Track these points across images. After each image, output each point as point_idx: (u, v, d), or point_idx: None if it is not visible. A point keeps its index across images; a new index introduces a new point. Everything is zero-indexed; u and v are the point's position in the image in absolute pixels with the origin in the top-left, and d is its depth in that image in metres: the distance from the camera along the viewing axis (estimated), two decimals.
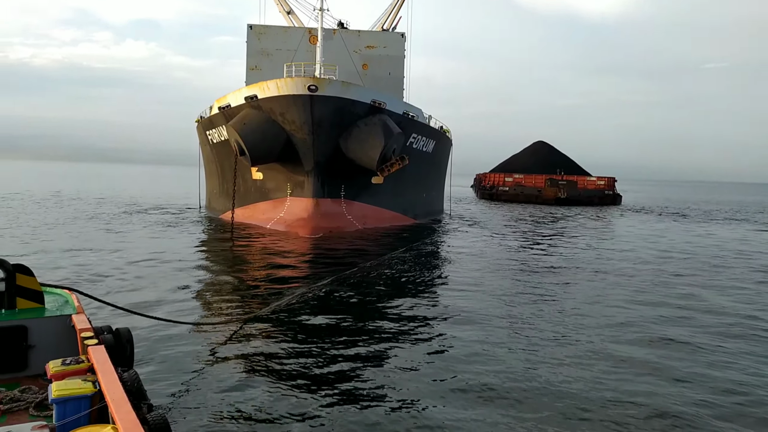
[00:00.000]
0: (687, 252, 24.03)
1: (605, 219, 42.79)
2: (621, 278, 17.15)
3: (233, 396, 7.31)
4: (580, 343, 10.14)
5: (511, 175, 70.00)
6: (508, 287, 15.32)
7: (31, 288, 5.79)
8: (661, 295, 14.72)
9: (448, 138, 39.65)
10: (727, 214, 53.01)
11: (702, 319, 12.32)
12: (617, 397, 7.64)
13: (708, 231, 34.99)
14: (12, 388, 4.83)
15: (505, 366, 8.75)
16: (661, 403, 7.43)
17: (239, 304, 12.52)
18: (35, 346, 5.42)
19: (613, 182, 66.12)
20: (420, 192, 35.11)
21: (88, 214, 32.45)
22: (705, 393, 7.91)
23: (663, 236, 30.79)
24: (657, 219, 44.53)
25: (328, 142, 25.75)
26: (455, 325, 11.13)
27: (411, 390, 7.74)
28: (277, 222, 27.59)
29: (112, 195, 52.54)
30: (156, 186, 79.68)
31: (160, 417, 3.42)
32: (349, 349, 9.40)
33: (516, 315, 12.15)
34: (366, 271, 16.88)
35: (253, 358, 8.87)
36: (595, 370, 8.73)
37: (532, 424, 6.71)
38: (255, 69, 36.43)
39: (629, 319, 12.04)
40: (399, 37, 38.33)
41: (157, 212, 35.56)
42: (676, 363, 9.18)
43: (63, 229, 25.14)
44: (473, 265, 18.95)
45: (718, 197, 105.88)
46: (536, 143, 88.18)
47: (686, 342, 10.41)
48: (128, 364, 5.00)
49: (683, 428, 6.78)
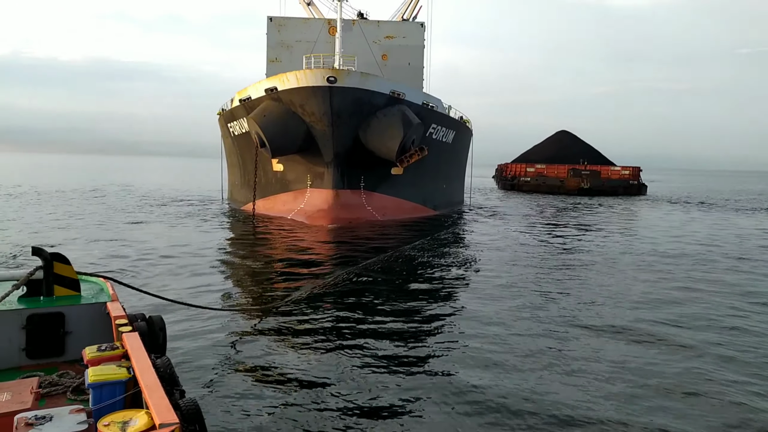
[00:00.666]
0: (711, 244, 23.58)
1: (628, 209, 42.10)
2: (641, 272, 16.94)
3: (260, 383, 7.47)
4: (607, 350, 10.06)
5: (533, 165, 69.20)
6: (526, 281, 15.25)
7: (67, 276, 5.94)
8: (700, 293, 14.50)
9: (468, 128, 39.40)
10: (754, 204, 51.66)
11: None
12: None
13: (733, 222, 34.22)
14: (50, 373, 4.98)
15: (520, 369, 8.52)
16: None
17: (262, 294, 12.76)
18: (72, 332, 5.58)
19: (638, 172, 64.83)
20: (440, 182, 35.02)
21: (116, 206, 33.21)
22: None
23: (690, 228, 30.22)
24: (684, 209, 43.66)
25: (348, 134, 25.84)
26: (474, 323, 10.88)
27: (426, 388, 7.70)
28: (297, 213, 27.85)
29: (138, 187, 53.57)
30: (182, 178, 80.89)
31: (192, 403, 3.46)
32: (370, 343, 9.35)
33: (537, 314, 11.96)
34: (385, 262, 16.94)
35: (278, 347, 9.02)
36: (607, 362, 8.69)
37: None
38: (275, 61, 36.62)
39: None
40: (418, 27, 38.10)
41: (181, 204, 36.19)
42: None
43: (90, 220, 25.79)
44: (492, 257, 18.89)
45: (750, 187, 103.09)
46: (559, 132, 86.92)
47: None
48: (161, 350, 5.09)
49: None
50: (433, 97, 30.56)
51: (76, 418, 3.20)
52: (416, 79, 37.23)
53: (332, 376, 7.82)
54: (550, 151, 79.72)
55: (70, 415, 3.22)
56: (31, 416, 3.17)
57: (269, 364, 8.21)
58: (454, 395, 7.28)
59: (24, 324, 5.42)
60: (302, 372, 7.94)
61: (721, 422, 6.73)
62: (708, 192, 76.68)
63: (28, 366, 5.41)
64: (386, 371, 8.06)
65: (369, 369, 8.12)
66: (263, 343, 9.11)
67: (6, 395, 3.79)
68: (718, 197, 63.13)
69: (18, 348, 5.41)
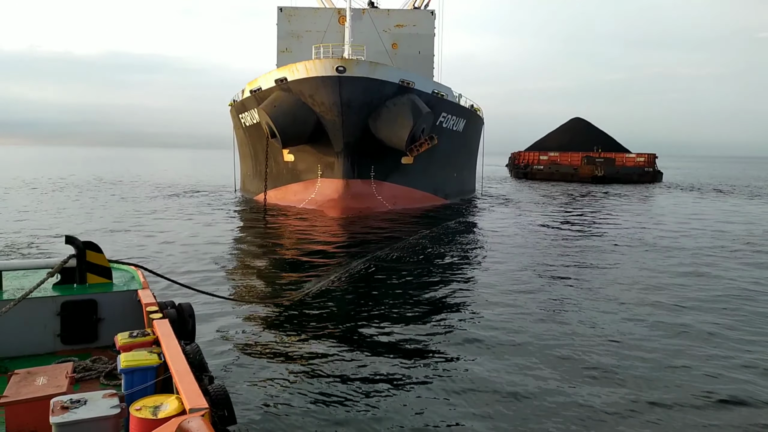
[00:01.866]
0: (720, 230, 23.33)
1: (641, 197, 41.68)
2: (648, 257, 16.87)
3: (279, 370, 7.59)
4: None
5: (546, 153, 68.58)
6: (535, 266, 15.28)
7: (100, 264, 6.12)
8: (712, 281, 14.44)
9: (479, 116, 39.18)
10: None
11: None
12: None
13: (746, 209, 33.75)
14: (84, 358, 5.15)
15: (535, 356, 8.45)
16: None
17: (277, 284, 12.83)
18: (104, 319, 5.75)
19: (654, 159, 63.95)
20: (451, 171, 34.95)
21: (131, 197, 33.71)
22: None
23: (703, 214, 29.89)
24: (697, 196, 43.11)
25: (357, 123, 25.88)
26: (487, 315, 10.79)
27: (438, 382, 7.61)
28: (308, 203, 28.04)
29: (153, 178, 54.22)
30: (196, 169, 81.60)
31: (221, 388, 3.54)
32: (385, 335, 9.34)
33: (546, 303, 11.98)
34: (396, 252, 17.00)
35: (296, 336, 9.12)
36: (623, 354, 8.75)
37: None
38: (286, 51, 36.66)
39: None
40: (429, 15, 37.83)
41: (195, 194, 36.61)
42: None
43: (106, 211, 26.26)
44: (502, 246, 18.89)
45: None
46: (573, 120, 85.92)
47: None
48: (190, 337, 5.21)
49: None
50: (443, 85, 30.44)
51: (109, 402, 3.30)
52: (427, 68, 37.05)
53: (350, 365, 7.91)
54: (563, 139, 78.95)
55: (103, 400, 3.32)
56: (67, 400, 3.28)
57: (288, 351, 8.34)
58: (466, 383, 7.39)
59: (58, 311, 5.59)
60: (322, 360, 8.02)
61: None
62: (729, 179, 75.47)
63: (62, 351, 5.59)
64: (400, 360, 8.15)
65: (384, 357, 8.24)
66: (281, 333, 9.26)
67: (42, 379, 3.90)
68: (738, 184, 62.13)
69: (53, 334, 5.60)
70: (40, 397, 3.64)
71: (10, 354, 5.41)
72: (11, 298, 5.32)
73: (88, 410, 3.21)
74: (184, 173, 67.98)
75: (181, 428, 2.56)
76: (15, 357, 5.39)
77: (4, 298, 5.49)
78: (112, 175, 59.79)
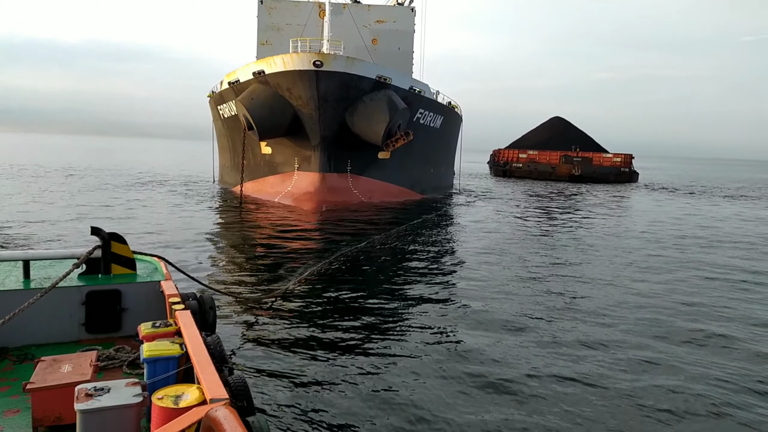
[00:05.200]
0: (675, 227, 24.15)
1: (614, 195, 42.61)
2: (618, 257, 17.50)
3: (278, 362, 7.75)
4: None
5: (525, 152, 69.46)
6: (502, 261, 15.81)
7: (124, 255, 6.20)
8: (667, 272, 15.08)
9: (457, 114, 39.67)
10: (744, 192, 52.24)
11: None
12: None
13: (718, 209, 34.80)
14: (107, 347, 5.26)
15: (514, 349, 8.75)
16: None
17: (252, 279, 12.77)
18: (128, 309, 5.84)
19: (630, 159, 65.15)
20: (428, 167, 35.40)
21: (104, 187, 33.56)
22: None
23: (674, 215, 30.79)
24: (670, 196, 44.20)
25: (334, 117, 26.16)
26: (460, 300, 11.39)
27: (418, 370, 7.86)
28: (284, 196, 28.27)
29: (130, 168, 53.80)
30: (176, 160, 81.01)
31: (241, 380, 3.61)
32: (364, 329, 9.46)
33: (516, 292, 12.44)
34: (372, 245, 17.20)
35: (286, 329, 9.16)
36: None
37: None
38: (266, 44, 36.66)
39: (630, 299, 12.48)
40: (409, 12, 38.12)
41: (173, 185, 36.56)
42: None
43: (78, 200, 26.19)
44: (472, 238, 19.45)
45: (751, 176, 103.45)
46: (553, 119, 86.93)
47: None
48: (211, 329, 5.31)
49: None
50: (420, 82, 30.83)
51: (131, 390, 3.38)
52: (406, 64, 37.38)
53: (349, 359, 8.00)
54: (543, 138, 79.89)
55: (126, 388, 3.41)
56: (91, 387, 3.39)
57: (280, 344, 8.43)
58: (454, 362, 7.93)
59: (83, 300, 5.70)
60: (302, 359, 8.06)
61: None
62: (700, 180, 77.21)
63: (86, 340, 5.70)
64: (382, 347, 8.49)
65: (371, 343, 8.61)
66: (272, 326, 9.31)
67: (67, 367, 3.99)
68: (708, 185, 63.67)
69: (78, 323, 5.71)
70: (65, 384, 3.72)
71: (37, 341, 5.52)
72: (39, 287, 5.42)
73: (112, 398, 3.29)
74: (163, 163, 67.52)
75: (208, 417, 2.59)
76: (41, 344, 5.51)
77: (32, 287, 5.59)
78: (90, 164, 59.17)
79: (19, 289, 5.53)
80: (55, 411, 3.70)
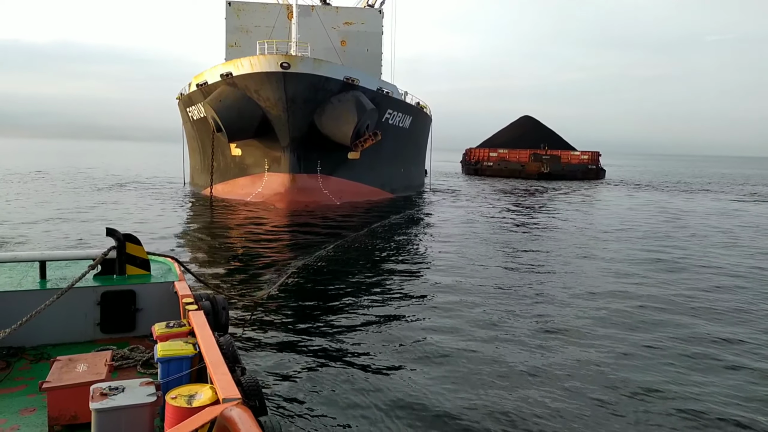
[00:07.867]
0: (630, 220, 25.17)
1: (579, 192, 43.80)
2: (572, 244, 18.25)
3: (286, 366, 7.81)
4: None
5: (496, 150, 70.61)
6: (469, 255, 16.37)
7: (139, 256, 6.28)
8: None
9: (426, 114, 40.28)
10: (700, 186, 54.18)
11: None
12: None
13: (671, 202, 36.15)
14: (122, 347, 5.34)
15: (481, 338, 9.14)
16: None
17: (237, 281, 12.90)
18: (142, 309, 5.91)
19: (597, 157, 66.89)
20: (397, 167, 35.91)
21: (75, 189, 33.17)
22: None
23: (628, 208, 31.91)
24: (630, 191, 45.60)
25: (303, 119, 26.44)
26: (431, 294, 11.93)
27: (394, 362, 8.11)
28: (255, 197, 28.44)
29: (100, 171, 53.03)
30: (146, 162, 79.92)
31: (253, 380, 3.62)
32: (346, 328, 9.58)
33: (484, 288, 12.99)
34: (344, 245, 17.41)
35: (273, 331, 9.25)
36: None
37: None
38: (234, 46, 36.69)
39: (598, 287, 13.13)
40: (376, 14, 38.56)
41: (142, 187, 36.30)
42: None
43: (47, 202, 25.92)
44: (440, 234, 20.05)
45: (713, 170, 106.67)
46: (522, 118, 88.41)
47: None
48: (223, 329, 5.39)
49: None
50: (388, 83, 31.31)
51: (146, 390, 3.43)
52: (374, 66, 37.82)
53: (349, 357, 8.20)
54: (513, 136, 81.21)
55: (140, 387, 3.46)
56: (106, 387, 3.42)
57: (279, 345, 8.54)
58: (428, 359, 8.14)
59: (98, 300, 5.79)
60: (324, 351, 8.25)
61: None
62: (663, 176, 79.57)
63: (101, 340, 5.77)
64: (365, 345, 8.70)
65: (359, 339, 8.88)
66: (262, 328, 9.36)
67: (83, 366, 4.05)
68: (671, 180, 65.74)
69: (93, 323, 5.80)
70: (80, 383, 3.76)
71: (53, 341, 5.60)
72: (55, 288, 5.53)
73: (126, 397, 3.33)
74: (133, 166, 66.63)
75: (222, 416, 2.60)
76: (57, 344, 5.59)
77: (48, 287, 5.67)
78: (60, 167, 58.10)
79: (35, 290, 5.62)
80: (70, 410, 3.76)
